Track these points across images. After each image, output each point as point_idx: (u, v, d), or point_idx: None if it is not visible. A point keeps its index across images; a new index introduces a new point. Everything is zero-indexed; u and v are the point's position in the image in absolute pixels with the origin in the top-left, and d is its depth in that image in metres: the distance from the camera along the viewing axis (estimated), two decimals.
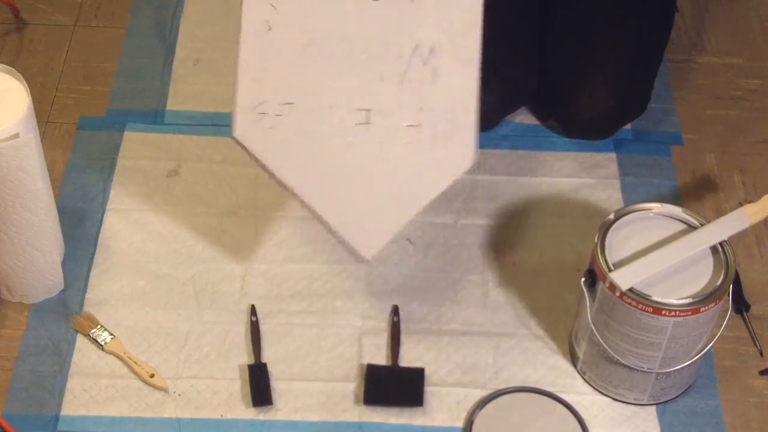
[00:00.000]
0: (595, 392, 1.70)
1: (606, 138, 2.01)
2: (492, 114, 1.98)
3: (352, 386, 1.70)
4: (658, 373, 1.63)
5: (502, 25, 1.96)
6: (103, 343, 1.72)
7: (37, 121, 1.66)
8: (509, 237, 1.88)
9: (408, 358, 1.73)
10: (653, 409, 1.69)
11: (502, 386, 1.70)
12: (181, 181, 1.94)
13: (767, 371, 1.73)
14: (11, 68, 1.64)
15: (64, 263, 1.79)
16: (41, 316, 1.75)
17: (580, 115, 1.98)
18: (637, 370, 1.63)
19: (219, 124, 2.02)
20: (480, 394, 1.69)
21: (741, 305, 1.79)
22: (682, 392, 1.70)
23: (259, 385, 1.68)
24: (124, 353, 1.71)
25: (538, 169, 1.98)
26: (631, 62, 1.98)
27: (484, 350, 1.74)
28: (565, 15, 2.00)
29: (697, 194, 1.96)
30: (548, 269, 1.84)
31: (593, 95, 1.96)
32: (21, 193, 1.63)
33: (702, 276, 1.58)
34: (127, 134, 2.00)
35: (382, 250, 1.58)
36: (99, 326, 1.73)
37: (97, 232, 1.86)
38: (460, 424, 1.66)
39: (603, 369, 1.67)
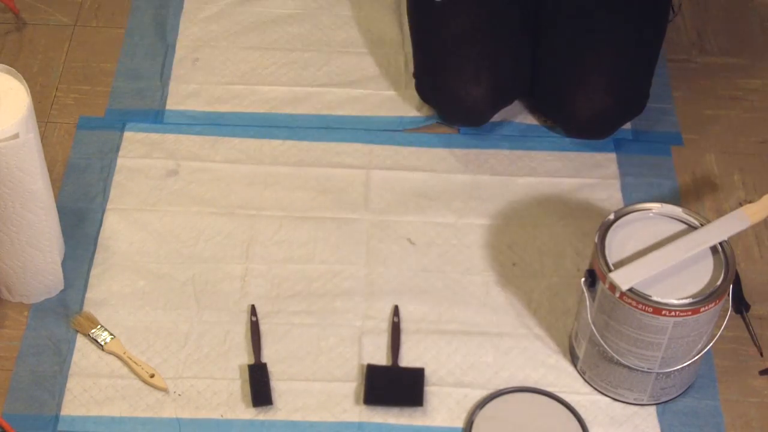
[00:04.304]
0: (595, 392, 1.70)
1: (605, 137, 2.01)
2: (481, 106, 1.96)
3: (352, 386, 1.70)
4: (658, 373, 1.63)
5: (489, 16, 1.96)
6: (103, 343, 1.72)
7: (37, 121, 1.66)
8: (509, 237, 1.88)
9: (408, 358, 1.73)
10: (653, 409, 1.69)
11: (502, 386, 1.70)
12: (181, 181, 1.94)
13: (767, 371, 1.73)
14: (11, 68, 1.64)
15: (64, 263, 1.79)
16: (41, 316, 1.75)
17: (578, 115, 1.97)
18: (637, 370, 1.63)
19: (219, 123, 2.02)
20: (480, 394, 1.69)
21: (741, 305, 1.79)
22: (682, 392, 1.70)
23: (259, 385, 1.68)
24: (124, 353, 1.71)
25: (538, 169, 1.97)
26: (627, 61, 1.97)
27: (484, 350, 1.74)
28: (560, 14, 1.99)
29: (697, 194, 1.96)
30: (548, 269, 1.84)
31: (590, 95, 1.96)
32: (21, 193, 1.63)
33: (702, 276, 1.58)
34: (126, 134, 1.99)
35: None
36: (99, 326, 1.73)
37: (97, 232, 1.86)
38: (460, 424, 1.66)
39: (603, 369, 1.67)
